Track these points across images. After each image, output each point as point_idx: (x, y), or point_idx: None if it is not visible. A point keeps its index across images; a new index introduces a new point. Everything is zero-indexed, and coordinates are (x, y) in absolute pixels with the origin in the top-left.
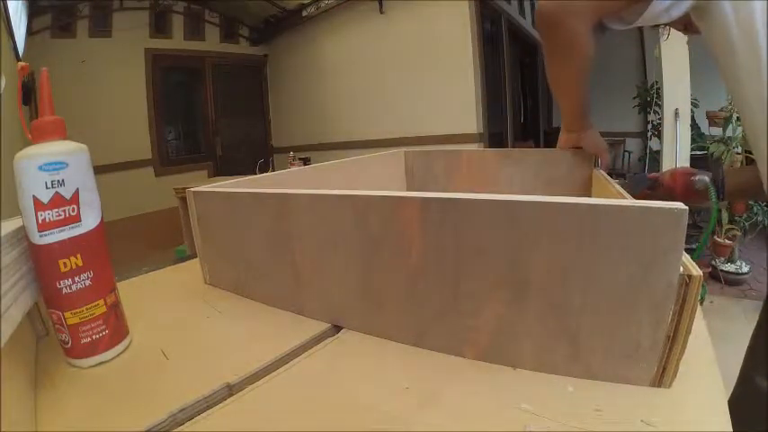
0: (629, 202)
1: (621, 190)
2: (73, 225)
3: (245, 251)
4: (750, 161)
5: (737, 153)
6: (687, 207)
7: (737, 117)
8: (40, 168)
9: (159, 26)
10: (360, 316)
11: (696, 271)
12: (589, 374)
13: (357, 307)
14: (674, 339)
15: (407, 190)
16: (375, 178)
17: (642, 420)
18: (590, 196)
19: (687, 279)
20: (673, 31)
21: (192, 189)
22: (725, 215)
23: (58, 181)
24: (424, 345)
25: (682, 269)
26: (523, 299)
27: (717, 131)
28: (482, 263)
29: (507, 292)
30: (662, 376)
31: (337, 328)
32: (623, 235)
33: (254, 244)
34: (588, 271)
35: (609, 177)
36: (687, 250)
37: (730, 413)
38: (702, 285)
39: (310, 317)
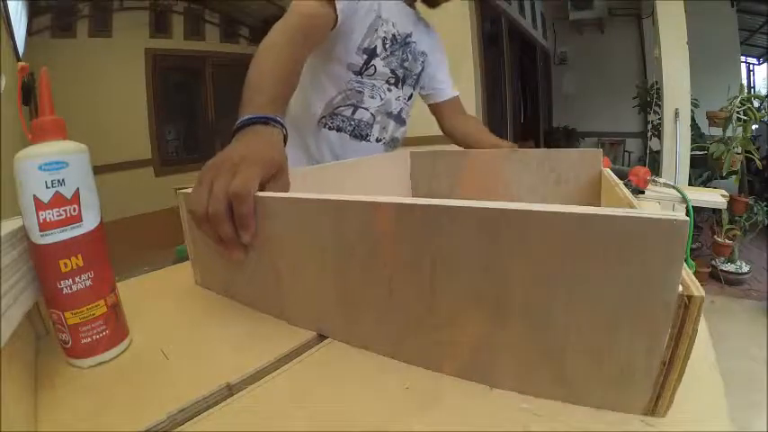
0: (622, 211)
1: (628, 193)
2: (74, 225)
3: None
4: (749, 161)
5: (737, 153)
6: (688, 219)
7: (737, 117)
8: (41, 168)
9: (159, 26)
10: (339, 324)
11: (698, 291)
12: (575, 399)
13: (336, 315)
14: (671, 366)
15: (412, 191)
16: (380, 178)
17: (642, 420)
18: (598, 197)
19: (687, 300)
20: (672, 30)
21: (182, 190)
22: (725, 215)
23: (59, 180)
24: (401, 357)
25: (681, 288)
26: (503, 314)
27: (717, 131)
28: (458, 274)
29: (485, 306)
30: (656, 405)
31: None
32: (614, 248)
33: None
34: (574, 286)
35: (617, 178)
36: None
37: None
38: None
39: (293, 324)
